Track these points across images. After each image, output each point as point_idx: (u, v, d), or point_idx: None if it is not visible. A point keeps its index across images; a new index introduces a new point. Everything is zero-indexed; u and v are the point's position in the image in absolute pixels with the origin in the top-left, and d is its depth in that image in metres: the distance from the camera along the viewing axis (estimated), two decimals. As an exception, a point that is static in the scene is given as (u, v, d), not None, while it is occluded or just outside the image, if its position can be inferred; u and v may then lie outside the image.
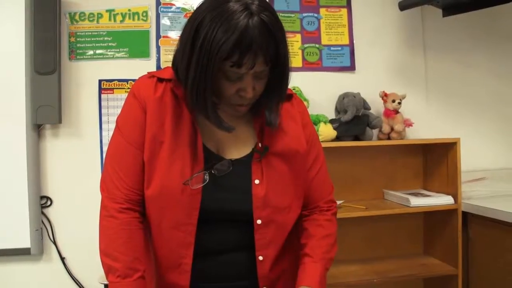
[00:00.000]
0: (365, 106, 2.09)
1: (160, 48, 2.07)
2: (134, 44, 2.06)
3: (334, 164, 2.07)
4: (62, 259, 1.98)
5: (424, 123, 2.24)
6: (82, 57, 2.03)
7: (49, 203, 1.98)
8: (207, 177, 0.92)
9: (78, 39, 2.03)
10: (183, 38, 0.88)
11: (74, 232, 1.96)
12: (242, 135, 0.99)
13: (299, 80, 2.08)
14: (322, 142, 1.91)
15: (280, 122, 0.98)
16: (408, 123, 2.11)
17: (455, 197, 1.95)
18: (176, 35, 2.08)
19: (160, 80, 0.97)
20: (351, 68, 2.23)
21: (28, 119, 1.89)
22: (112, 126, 1.00)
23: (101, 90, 2.02)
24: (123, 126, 0.97)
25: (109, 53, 2.04)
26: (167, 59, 2.07)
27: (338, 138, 2.03)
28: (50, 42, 1.88)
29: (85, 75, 2.02)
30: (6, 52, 1.88)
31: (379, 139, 2.13)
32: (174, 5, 2.10)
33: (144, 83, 0.97)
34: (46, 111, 1.89)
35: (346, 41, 2.24)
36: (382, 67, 2.26)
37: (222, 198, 0.94)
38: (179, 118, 0.94)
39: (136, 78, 1.01)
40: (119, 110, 1.00)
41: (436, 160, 2.12)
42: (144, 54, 2.06)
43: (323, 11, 2.23)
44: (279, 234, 0.99)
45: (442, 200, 1.96)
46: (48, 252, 1.98)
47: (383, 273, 1.94)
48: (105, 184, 0.95)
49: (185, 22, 0.90)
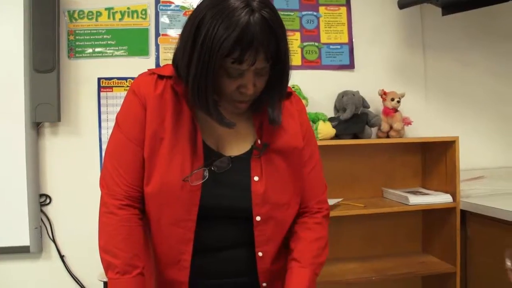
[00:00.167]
0: (364, 104, 2.09)
1: (159, 46, 2.07)
2: (133, 42, 2.06)
3: (333, 162, 2.08)
4: (61, 257, 1.98)
5: (423, 122, 2.25)
6: (81, 55, 2.03)
7: (48, 201, 1.98)
8: (206, 173, 0.92)
9: (77, 37, 2.03)
10: (183, 35, 0.88)
11: (73, 230, 1.97)
12: (242, 132, 0.99)
13: (298, 79, 2.08)
14: (321, 140, 1.94)
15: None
16: (407, 122, 2.12)
17: (454, 195, 1.96)
18: (175, 33, 2.08)
19: (161, 77, 0.97)
20: (350, 66, 2.23)
21: (27, 117, 1.89)
22: (111, 124, 1.00)
23: (100, 88, 2.02)
24: (123, 123, 0.97)
25: (108, 51, 2.04)
26: (166, 57, 2.07)
27: (337, 136, 2.03)
28: (49, 40, 1.88)
29: (84, 73, 2.02)
30: (5, 51, 1.88)
31: (378, 137, 2.14)
32: (173, 3, 2.10)
33: (144, 80, 0.97)
34: (45, 109, 1.89)
35: (346, 39, 2.24)
36: (381, 65, 2.27)
37: (222, 195, 0.95)
38: (179, 115, 0.95)
39: (135, 76, 1.01)
40: (118, 108, 1.00)
41: (435, 159, 2.12)
42: (143, 52, 2.06)
43: (322, 9, 2.23)
44: (278, 231, 0.99)
45: (440, 198, 1.97)
46: (48, 250, 1.98)
47: (381, 271, 1.95)
48: (104, 180, 0.95)
49: (185, 20, 0.90)
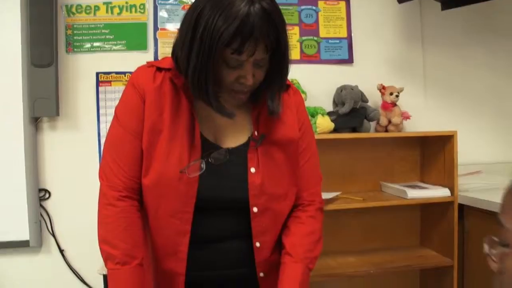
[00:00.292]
0: (362, 98, 2.09)
1: (158, 40, 2.07)
2: (132, 36, 2.05)
3: (331, 156, 2.08)
4: (61, 251, 1.98)
5: (422, 117, 2.24)
6: (79, 49, 2.02)
7: (47, 195, 1.98)
8: (204, 165, 0.93)
9: (75, 32, 2.02)
10: (183, 27, 0.88)
11: (73, 224, 1.97)
12: (239, 124, 0.99)
13: (297, 73, 2.08)
14: (319, 134, 1.94)
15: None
16: (405, 116, 2.11)
17: (452, 189, 1.96)
18: (174, 27, 2.08)
19: (159, 69, 0.97)
20: (349, 61, 2.23)
21: (25, 112, 1.89)
22: (110, 118, 1.01)
23: (98, 83, 2.02)
24: (122, 116, 0.97)
25: (106, 45, 2.04)
26: (165, 51, 2.06)
27: (335, 130, 2.03)
28: (47, 35, 1.87)
29: (82, 68, 2.02)
30: (2, 45, 1.87)
31: (377, 131, 2.14)
32: (172, -3, 2.10)
33: (143, 73, 0.98)
34: (44, 104, 1.89)
35: (345, 34, 2.24)
36: (380, 60, 2.26)
37: (219, 187, 0.95)
38: (177, 107, 0.95)
39: (134, 70, 1.01)
40: (117, 102, 1.00)
41: (433, 153, 2.12)
42: (142, 47, 2.06)
43: (321, 4, 2.22)
44: (275, 221, 1.00)
45: (439, 192, 1.97)
46: (47, 244, 1.98)
47: (380, 264, 1.95)
48: (104, 172, 0.96)
49: (184, 13, 0.90)
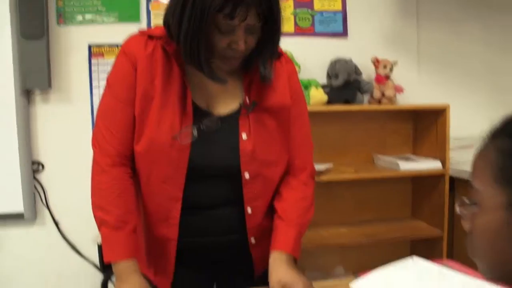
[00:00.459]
0: (356, 71, 2.08)
1: (151, 12, 2.04)
2: (124, 8, 2.02)
3: (324, 128, 2.09)
4: (56, 223, 2.00)
5: (415, 91, 2.25)
6: (71, 21, 1.99)
7: (41, 168, 1.99)
8: (195, 132, 0.93)
9: (66, 3, 1.98)
10: None
11: (67, 196, 1.98)
12: (231, 92, 0.99)
13: (291, 45, 2.05)
14: (313, 106, 1.94)
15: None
16: (399, 89, 2.12)
17: (444, 162, 1.98)
18: (166, -2, 2.05)
19: (151, 37, 0.97)
20: (344, 34, 2.22)
21: (16, 85, 1.87)
22: (103, 90, 1.01)
23: (91, 55, 2.00)
24: (114, 84, 0.97)
25: (98, 17, 2.01)
26: (158, 23, 2.03)
27: (329, 103, 2.03)
28: (37, 6, 1.84)
29: (74, 40, 1.99)
30: (-9, 16, 1.85)
31: (370, 104, 2.14)
32: (164, -33, 2.06)
33: (134, 40, 0.98)
34: (35, 76, 1.87)
35: (339, 7, 2.22)
36: (374, 34, 2.25)
37: (210, 153, 0.96)
38: (169, 74, 0.95)
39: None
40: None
41: (425, 126, 2.14)
42: (134, 18, 2.03)
43: (316, -24, 2.19)
44: (267, 188, 1.01)
45: (430, 165, 1.99)
46: (42, 216, 2.00)
47: (371, 235, 1.99)
48: (96, 140, 0.96)
49: None
